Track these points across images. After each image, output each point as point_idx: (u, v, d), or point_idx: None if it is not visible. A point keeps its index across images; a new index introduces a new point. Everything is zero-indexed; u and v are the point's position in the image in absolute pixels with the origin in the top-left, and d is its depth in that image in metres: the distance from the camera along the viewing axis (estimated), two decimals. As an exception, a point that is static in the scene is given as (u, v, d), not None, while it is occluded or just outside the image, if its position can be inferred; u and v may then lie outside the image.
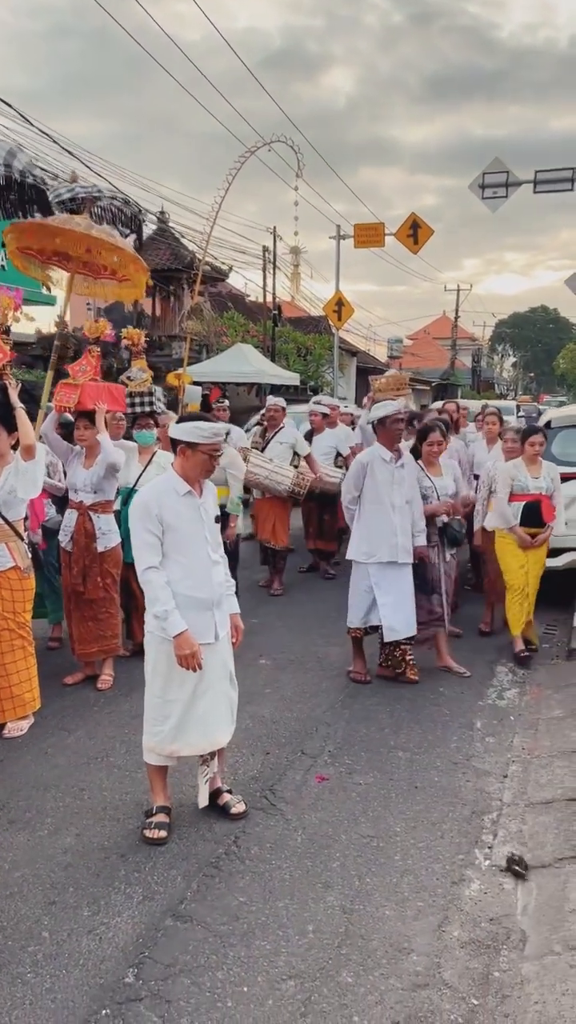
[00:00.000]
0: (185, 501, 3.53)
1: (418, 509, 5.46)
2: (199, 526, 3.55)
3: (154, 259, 20.79)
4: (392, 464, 5.34)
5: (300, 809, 3.80)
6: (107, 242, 5.87)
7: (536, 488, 5.86)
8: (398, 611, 5.33)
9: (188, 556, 3.51)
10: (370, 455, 5.41)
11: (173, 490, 3.53)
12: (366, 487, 5.37)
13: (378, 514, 5.33)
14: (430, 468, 5.72)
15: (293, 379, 20.69)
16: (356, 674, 5.52)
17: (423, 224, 18.53)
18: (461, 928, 2.97)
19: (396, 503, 5.31)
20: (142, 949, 2.83)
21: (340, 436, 8.84)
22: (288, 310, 31.13)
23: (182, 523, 3.50)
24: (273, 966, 2.75)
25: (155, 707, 3.59)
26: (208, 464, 3.55)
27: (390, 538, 5.29)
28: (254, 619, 6.97)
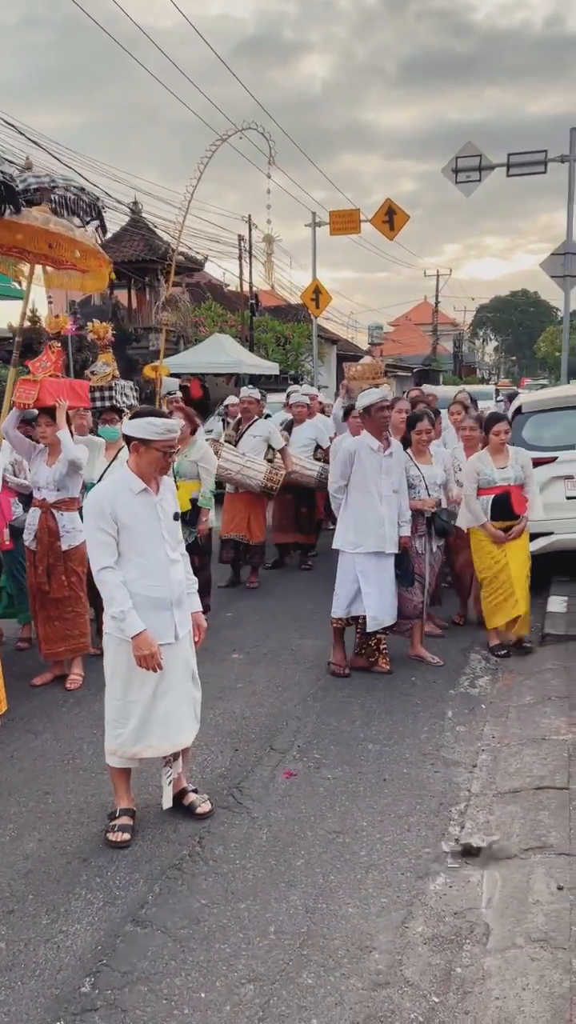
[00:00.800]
0: (141, 499, 3.45)
1: (404, 499, 5.41)
2: (156, 524, 3.48)
3: (128, 250, 20.62)
4: (380, 453, 5.27)
5: (267, 806, 3.76)
6: (67, 236, 5.76)
7: (503, 480, 5.67)
8: (382, 601, 5.31)
9: (145, 555, 3.44)
10: (357, 444, 5.34)
11: (128, 488, 3.45)
12: (353, 476, 5.30)
13: (365, 504, 5.28)
14: (419, 457, 5.66)
15: (272, 368, 20.59)
16: (336, 667, 5.46)
17: (398, 210, 18.40)
18: (425, 924, 2.94)
19: (383, 493, 5.26)
20: (100, 957, 2.78)
21: (320, 427, 8.73)
22: (267, 299, 30.96)
23: (138, 522, 3.43)
24: (232, 970, 2.71)
25: (116, 709, 3.53)
26: (162, 462, 3.47)
27: (377, 528, 5.25)
28: (228, 613, 6.93)
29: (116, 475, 3.57)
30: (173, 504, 3.62)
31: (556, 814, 3.51)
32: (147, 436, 3.41)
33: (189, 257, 21.50)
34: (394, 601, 5.41)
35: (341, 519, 5.51)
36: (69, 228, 5.81)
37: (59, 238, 5.76)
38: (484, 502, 5.68)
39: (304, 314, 25.97)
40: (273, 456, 7.75)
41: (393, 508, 5.31)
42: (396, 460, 5.38)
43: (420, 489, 5.56)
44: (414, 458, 5.63)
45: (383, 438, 5.32)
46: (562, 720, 4.45)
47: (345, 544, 5.39)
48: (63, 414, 5.18)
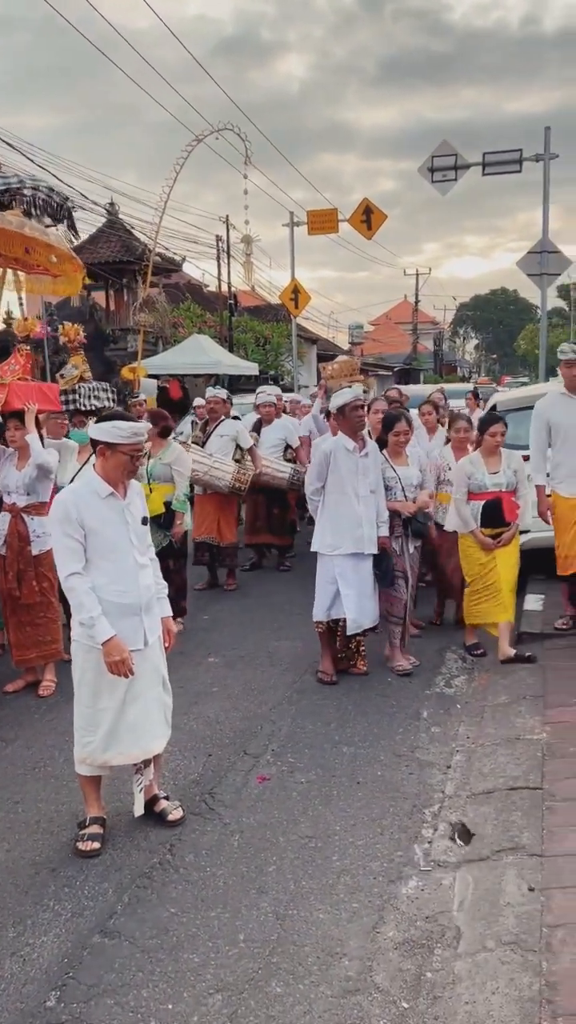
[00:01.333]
0: (108, 504, 3.40)
1: (382, 499, 5.36)
2: (123, 529, 3.42)
3: (105, 251, 20.52)
4: (356, 454, 5.21)
5: (239, 812, 3.73)
6: (42, 241, 5.71)
7: (495, 485, 5.42)
8: (362, 603, 5.25)
9: (113, 561, 3.40)
10: (333, 444, 5.27)
11: (94, 492, 3.40)
12: (330, 477, 5.24)
13: (342, 505, 5.22)
14: (395, 458, 5.58)
15: (252, 368, 20.56)
16: (323, 675, 5.36)
17: (376, 209, 18.41)
18: (396, 928, 2.92)
19: (361, 493, 5.21)
20: (67, 970, 2.74)
21: (289, 427, 8.69)
22: (246, 299, 30.90)
23: (105, 527, 3.37)
24: (200, 980, 2.68)
25: (85, 717, 3.48)
26: (129, 465, 3.43)
27: (355, 529, 5.20)
28: (205, 616, 6.90)
29: (82, 479, 3.56)
30: (142, 508, 3.56)
31: (529, 814, 3.50)
32: (112, 440, 3.36)
33: (166, 258, 21.44)
34: (374, 603, 5.37)
35: (319, 521, 5.46)
36: (44, 232, 5.76)
37: (35, 243, 5.70)
38: (474, 508, 5.46)
39: (283, 314, 25.95)
40: (242, 456, 7.69)
41: (371, 508, 5.26)
42: (373, 460, 5.32)
43: (396, 491, 5.49)
44: (390, 459, 5.56)
45: (359, 438, 5.26)
46: (536, 719, 4.45)
47: (323, 546, 5.34)
48: (31, 418, 5.13)
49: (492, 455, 5.51)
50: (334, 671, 5.37)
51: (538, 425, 5.73)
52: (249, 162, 15.09)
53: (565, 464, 5.63)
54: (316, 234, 19.85)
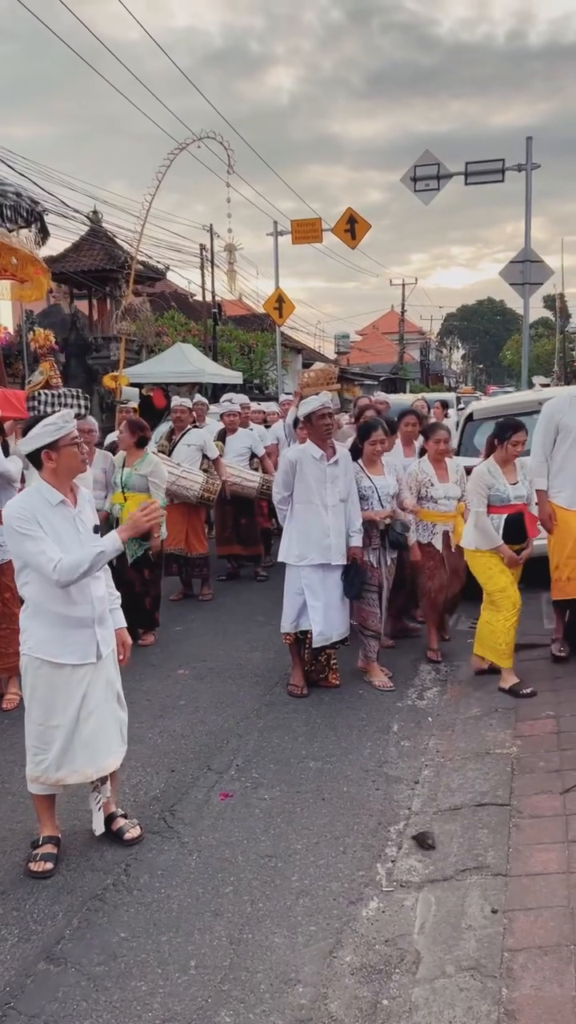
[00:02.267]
0: (59, 512, 3.27)
1: (355, 508, 5.24)
2: (75, 538, 3.28)
3: (87, 260, 20.43)
4: (323, 462, 5.10)
5: (198, 831, 3.61)
6: (2, 243, 5.63)
7: (517, 497, 5.03)
8: (329, 615, 5.14)
9: None
10: (299, 453, 5.18)
11: (45, 501, 3.26)
12: (297, 486, 5.14)
13: (309, 514, 5.11)
14: (371, 468, 5.44)
15: (236, 377, 20.47)
16: (293, 687, 5.25)
17: (360, 219, 18.40)
18: (354, 953, 2.82)
19: (329, 502, 5.10)
20: (7, 999, 2.62)
21: (254, 436, 8.60)
22: (232, 308, 30.89)
23: (57, 536, 3.23)
24: (147, 1009, 2.56)
25: (36, 735, 3.35)
26: (78, 457, 3.29)
27: (322, 539, 5.09)
28: (177, 627, 6.78)
29: (30, 488, 3.36)
30: (92, 517, 3.45)
31: (495, 831, 3.41)
32: (50, 439, 3.21)
33: (150, 266, 21.36)
34: (343, 615, 5.26)
35: (286, 530, 5.37)
36: (4, 235, 5.68)
37: None
38: (495, 521, 5.03)
39: (269, 323, 25.93)
40: (208, 466, 7.59)
41: (340, 518, 5.15)
42: (343, 468, 5.19)
43: (373, 501, 5.36)
44: (365, 468, 5.43)
45: (327, 446, 5.16)
46: (507, 732, 4.37)
47: (289, 556, 5.23)
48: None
49: (508, 464, 5.12)
50: (304, 683, 5.26)
51: (547, 427, 5.27)
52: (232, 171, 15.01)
53: (566, 471, 5.19)
54: (300, 243, 19.84)
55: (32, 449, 3.24)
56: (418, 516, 5.73)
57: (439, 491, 5.67)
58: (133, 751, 4.37)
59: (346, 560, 5.19)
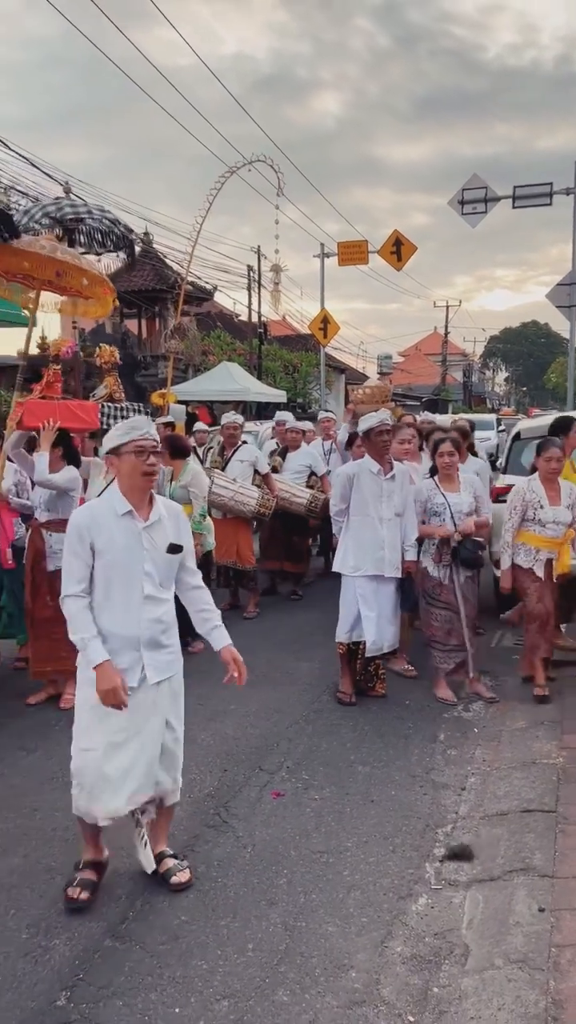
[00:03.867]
0: (123, 524, 3.09)
1: (410, 522, 5.33)
2: (136, 554, 3.09)
3: (138, 280, 20.91)
4: (380, 477, 5.24)
5: (252, 826, 3.75)
6: (73, 264, 5.90)
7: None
8: (382, 626, 5.25)
9: (115, 587, 3.09)
10: (357, 467, 5.33)
11: (111, 510, 3.11)
12: (353, 499, 5.28)
13: (365, 527, 5.25)
14: (446, 484, 5.43)
15: (280, 396, 20.75)
16: (342, 695, 5.37)
17: (406, 241, 18.63)
18: (404, 943, 2.93)
19: (384, 516, 5.22)
20: (77, 971, 2.78)
21: (315, 455, 8.73)
22: (276, 329, 31.27)
23: (114, 550, 3.06)
24: (208, 986, 2.71)
25: (75, 759, 3.19)
26: (139, 465, 3.07)
27: (376, 551, 5.22)
28: (226, 636, 6.94)
29: (104, 495, 3.27)
30: (172, 534, 3.20)
31: (542, 836, 3.50)
32: (113, 444, 3.11)
33: (198, 287, 21.78)
34: (395, 627, 5.35)
35: (341, 542, 5.48)
36: (76, 256, 5.96)
37: (67, 266, 5.89)
38: None
39: (313, 343, 26.23)
40: (260, 482, 7.77)
41: (395, 531, 5.26)
42: (399, 483, 5.31)
43: (445, 517, 5.33)
44: (440, 485, 5.42)
45: (384, 461, 5.29)
46: (553, 744, 4.44)
47: (345, 567, 5.36)
48: (48, 436, 5.21)
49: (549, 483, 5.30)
50: (353, 692, 5.38)
51: None
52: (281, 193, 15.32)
53: None
54: (346, 265, 20.13)
55: (105, 454, 3.21)
56: (519, 538, 5.42)
57: (547, 514, 5.29)
58: (187, 751, 4.48)
59: (401, 573, 5.31)
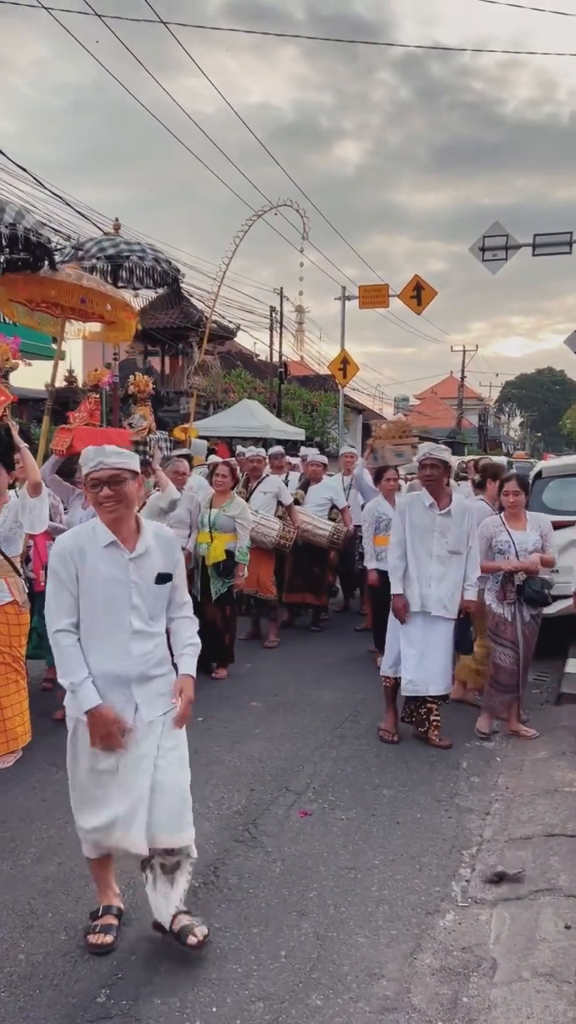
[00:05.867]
0: (107, 555, 2.87)
1: (472, 560, 5.07)
2: (122, 587, 2.88)
3: (164, 318, 21.35)
4: (434, 510, 5.01)
5: (281, 842, 3.83)
6: (98, 291, 6.15)
7: None
8: (424, 666, 4.99)
9: (100, 623, 2.89)
10: (410, 499, 5.17)
11: (93, 540, 2.89)
12: (407, 534, 5.07)
13: (412, 561, 5.03)
14: (512, 522, 5.30)
15: (298, 434, 21.02)
16: (384, 732, 5.19)
17: (426, 286, 18.98)
18: (433, 956, 3.00)
19: (435, 551, 4.99)
20: (115, 971, 2.86)
21: (336, 487, 8.87)
22: (296, 369, 31.73)
23: (99, 581, 2.86)
24: (243, 988, 2.78)
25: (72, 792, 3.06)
26: (94, 497, 2.88)
27: (423, 587, 4.99)
28: (248, 663, 7.05)
29: (87, 523, 3.03)
30: (162, 563, 2.98)
31: (566, 859, 3.56)
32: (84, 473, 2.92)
33: (222, 326, 22.21)
34: (443, 669, 5.05)
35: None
36: (100, 283, 6.23)
37: (91, 293, 6.15)
38: None
39: (331, 384, 26.57)
40: (283, 513, 7.90)
41: (447, 568, 4.99)
42: (456, 520, 5.03)
43: (510, 555, 5.19)
44: (507, 523, 5.31)
45: (440, 495, 5.05)
46: (575, 773, 4.50)
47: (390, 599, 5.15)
48: None
49: None
50: (395, 730, 5.18)
51: None
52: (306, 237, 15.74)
53: None
54: (366, 308, 20.47)
55: None
56: None
57: None
58: (214, 770, 4.66)
59: (455, 613, 5.06)
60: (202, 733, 5.28)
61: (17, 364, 5.20)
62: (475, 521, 5.21)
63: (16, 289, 6.18)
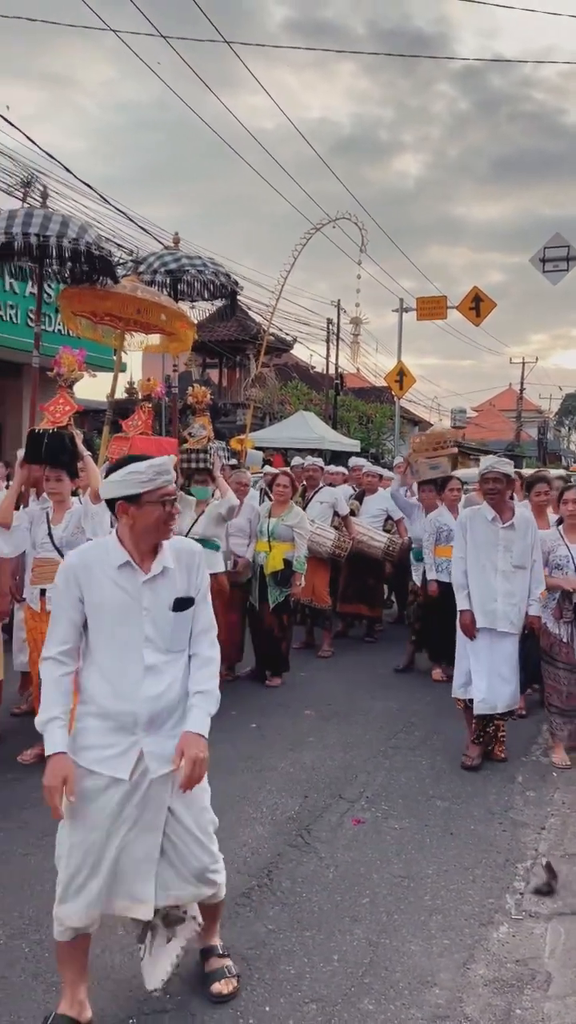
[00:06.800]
0: (121, 577, 2.51)
1: (535, 575, 4.95)
2: (134, 615, 2.51)
3: (222, 330, 21.64)
4: (497, 524, 4.89)
5: (334, 848, 3.86)
6: (152, 301, 6.30)
7: None
8: (494, 683, 4.86)
9: (107, 655, 2.52)
10: (472, 513, 5.05)
11: (105, 560, 2.53)
12: (469, 548, 4.97)
13: (476, 576, 4.92)
14: (572, 535, 5.13)
15: (354, 445, 21.03)
16: (466, 758, 4.95)
17: (485, 297, 18.87)
18: (486, 967, 2.99)
19: (499, 566, 4.87)
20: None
21: (390, 499, 8.85)
22: (352, 381, 31.78)
23: (107, 608, 2.51)
24: (296, 989, 2.82)
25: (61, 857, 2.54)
26: (163, 516, 2.53)
27: (488, 603, 4.86)
28: (302, 673, 7.08)
29: (97, 540, 2.78)
30: (183, 587, 2.60)
31: (624, 876, 3.51)
32: (132, 491, 2.49)
33: (279, 338, 22.40)
34: (512, 685, 4.94)
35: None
36: (155, 294, 6.38)
37: (146, 304, 6.30)
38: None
39: (387, 396, 26.55)
40: (339, 523, 7.93)
41: (512, 583, 4.87)
42: (520, 533, 4.91)
43: (568, 571, 5.03)
44: (565, 536, 5.14)
45: (503, 509, 4.93)
46: None
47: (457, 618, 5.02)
48: None
49: None
50: (477, 755, 4.95)
51: None
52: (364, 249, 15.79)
53: None
54: (424, 320, 20.46)
55: (112, 496, 2.54)
56: None
57: None
58: (268, 776, 4.71)
59: (520, 628, 4.95)
60: (256, 739, 5.35)
61: (83, 375, 5.35)
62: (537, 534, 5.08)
63: (78, 302, 6.37)
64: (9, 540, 4.76)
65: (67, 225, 5.60)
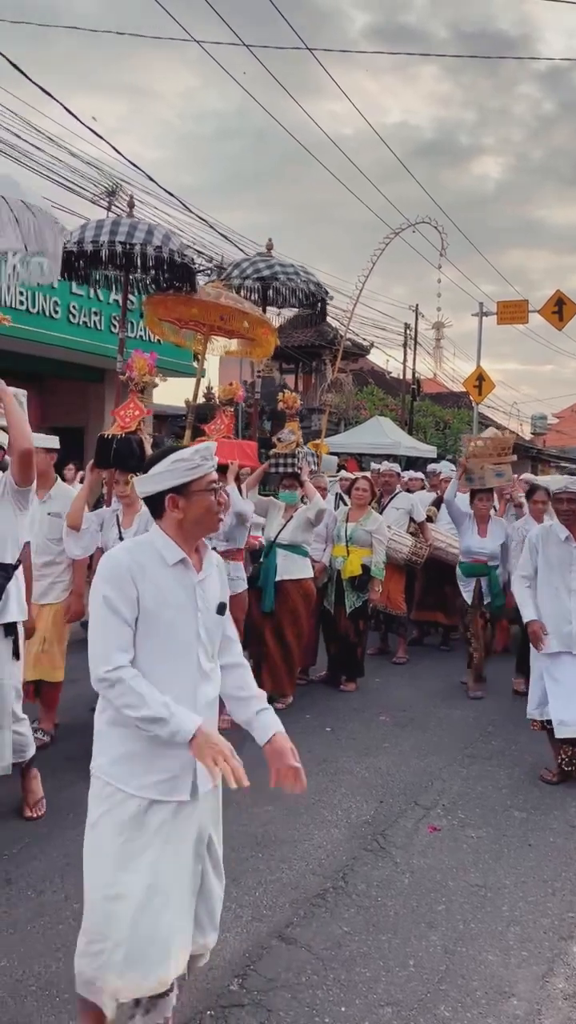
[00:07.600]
0: (176, 576, 2.32)
1: None
2: (191, 616, 2.33)
3: (299, 336, 21.76)
4: (570, 543, 4.80)
5: (410, 854, 3.84)
6: (236, 308, 6.39)
7: None
8: (571, 705, 4.71)
9: (167, 659, 2.29)
10: (544, 531, 5.00)
11: (158, 557, 2.31)
12: (539, 567, 4.90)
13: (550, 597, 4.83)
14: None
15: (430, 451, 20.83)
16: (546, 772, 4.87)
17: (569, 301, 18.46)
18: (566, 981, 2.93)
19: (573, 586, 4.77)
20: (247, 963, 2.96)
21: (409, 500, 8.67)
22: (429, 386, 31.50)
23: (166, 608, 2.28)
24: (372, 992, 2.82)
25: (95, 907, 2.25)
26: (213, 506, 2.37)
27: (563, 625, 4.77)
28: (376, 679, 7.07)
29: (143, 536, 2.43)
30: (219, 591, 2.46)
31: None
32: (182, 480, 2.30)
33: (356, 343, 22.39)
34: None
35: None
36: (238, 301, 6.47)
37: (229, 310, 6.40)
38: None
39: (465, 401, 26.23)
40: (415, 530, 7.86)
41: None
42: None
43: None
44: None
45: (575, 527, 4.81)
46: None
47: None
48: (234, 472, 5.64)
49: None
50: (556, 772, 4.82)
51: None
52: (443, 253, 15.66)
53: None
54: (504, 324, 20.12)
55: (154, 491, 2.34)
56: None
57: None
58: (342, 780, 4.72)
59: None
60: (331, 743, 5.36)
61: (154, 380, 5.47)
62: None
63: (163, 308, 6.52)
64: (79, 542, 4.88)
65: (152, 233, 5.76)
